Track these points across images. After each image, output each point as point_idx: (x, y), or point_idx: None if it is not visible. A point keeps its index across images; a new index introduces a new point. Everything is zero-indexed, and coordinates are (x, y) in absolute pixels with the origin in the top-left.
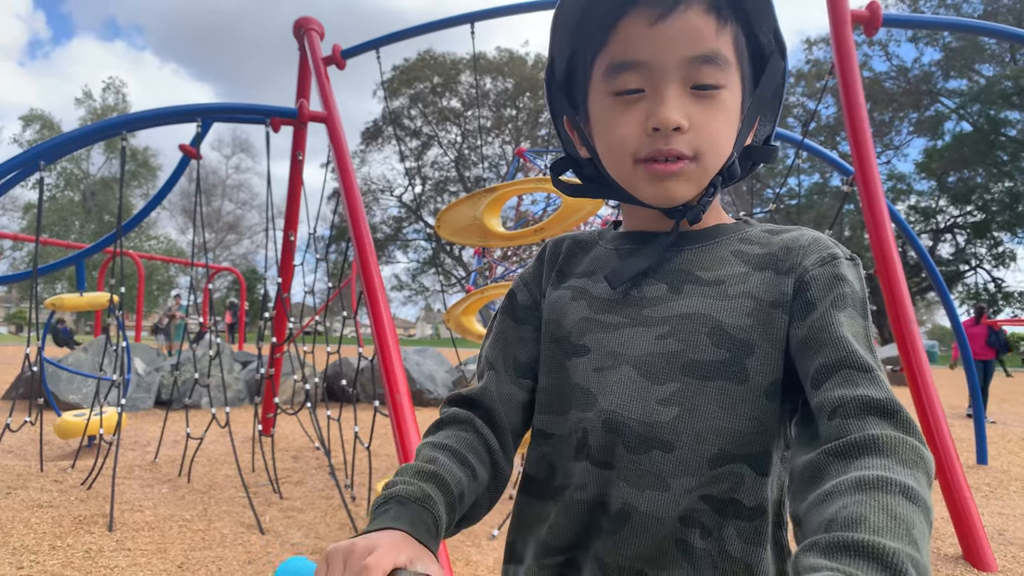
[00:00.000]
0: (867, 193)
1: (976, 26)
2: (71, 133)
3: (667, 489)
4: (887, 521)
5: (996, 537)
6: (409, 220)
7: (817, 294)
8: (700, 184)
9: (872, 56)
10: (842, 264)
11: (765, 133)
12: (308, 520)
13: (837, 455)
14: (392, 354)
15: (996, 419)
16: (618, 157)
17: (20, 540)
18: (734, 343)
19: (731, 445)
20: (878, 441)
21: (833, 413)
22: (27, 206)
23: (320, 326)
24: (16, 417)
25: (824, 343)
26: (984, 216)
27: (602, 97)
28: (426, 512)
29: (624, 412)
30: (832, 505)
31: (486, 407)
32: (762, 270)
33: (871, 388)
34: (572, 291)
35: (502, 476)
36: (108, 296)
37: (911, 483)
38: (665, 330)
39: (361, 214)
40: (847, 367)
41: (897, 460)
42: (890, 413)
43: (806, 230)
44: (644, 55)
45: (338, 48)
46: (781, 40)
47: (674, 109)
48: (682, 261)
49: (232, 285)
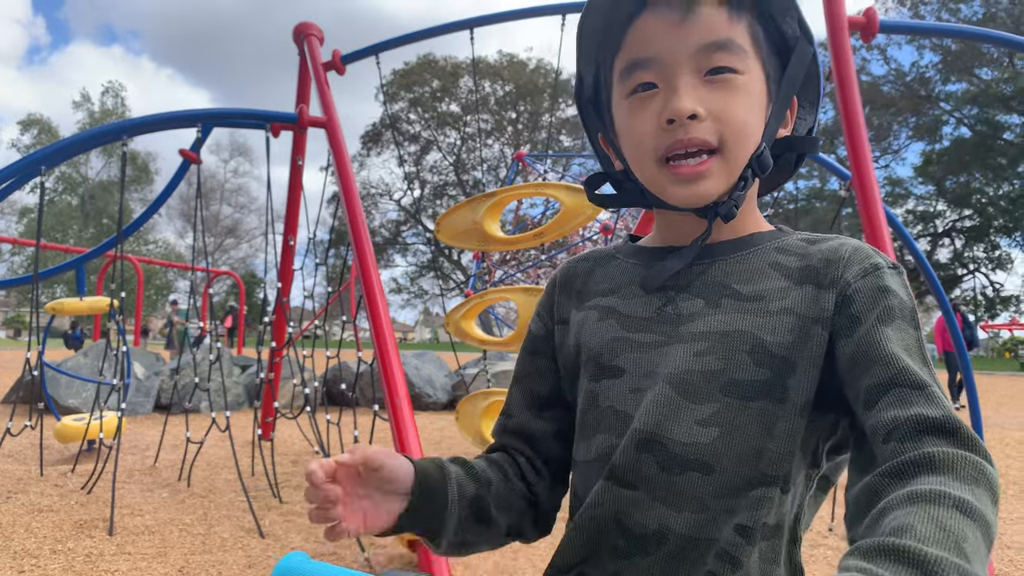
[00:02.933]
0: (864, 199)
1: (973, 33)
2: (72, 138)
3: (706, 511)
4: (935, 531)
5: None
6: (408, 224)
7: (862, 308)
8: (730, 177)
9: (870, 60)
10: (885, 274)
11: (806, 126)
12: (308, 524)
13: (892, 476)
14: (391, 358)
15: (993, 422)
16: (641, 158)
17: (21, 544)
18: (776, 362)
19: (767, 467)
20: (934, 459)
21: (888, 436)
22: (24, 210)
23: (319, 330)
24: (16, 421)
25: (874, 361)
26: (982, 220)
27: (620, 101)
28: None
29: (661, 432)
30: (884, 519)
31: (511, 447)
32: (802, 284)
33: (926, 406)
34: (599, 311)
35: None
36: (108, 300)
37: (968, 498)
38: (704, 346)
39: (361, 219)
40: (899, 385)
41: (955, 476)
42: (948, 431)
43: (846, 239)
44: (655, 50)
45: (338, 53)
46: (807, 27)
47: (686, 97)
48: (717, 273)
49: (231, 289)
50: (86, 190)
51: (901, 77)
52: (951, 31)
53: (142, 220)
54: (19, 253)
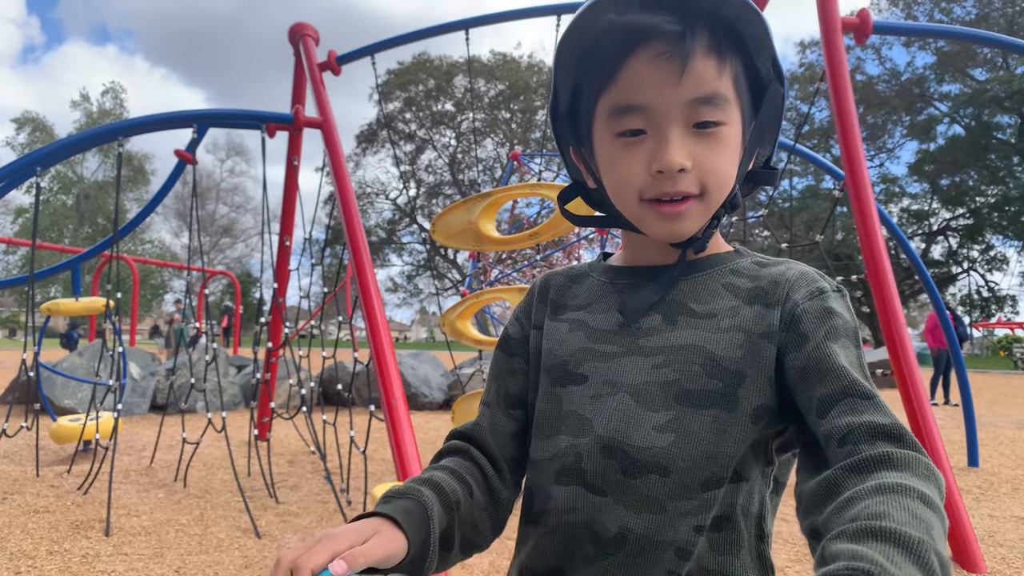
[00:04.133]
0: (857, 199)
1: (966, 34)
2: (67, 139)
3: (664, 512)
4: (909, 518)
5: (986, 539)
6: (404, 223)
7: (810, 327)
8: (706, 218)
9: (865, 60)
10: (830, 297)
11: (765, 156)
12: (304, 524)
13: (853, 470)
14: (388, 358)
15: (987, 421)
16: (625, 196)
17: (17, 545)
18: (727, 374)
19: (721, 469)
20: (892, 457)
21: (843, 440)
22: (19, 210)
23: (315, 330)
24: (12, 422)
25: (825, 373)
26: (976, 219)
27: (606, 137)
28: (411, 500)
29: (621, 438)
30: (854, 507)
31: (478, 440)
32: (751, 304)
33: (876, 414)
34: (570, 323)
35: (501, 501)
36: (104, 301)
37: (927, 492)
38: (661, 360)
39: (356, 219)
40: (850, 395)
41: (912, 473)
42: (897, 437)
43: (793, 264)
44: (646, 99)
45: (333, 54)
46: (779, 68)
47: (677, 152)
48: (676, 292)
49: (227, 289)
50: (81, 190)
51: (896, 76)
52: (944, 32)
53: (138, 220)
54: (14, 253)
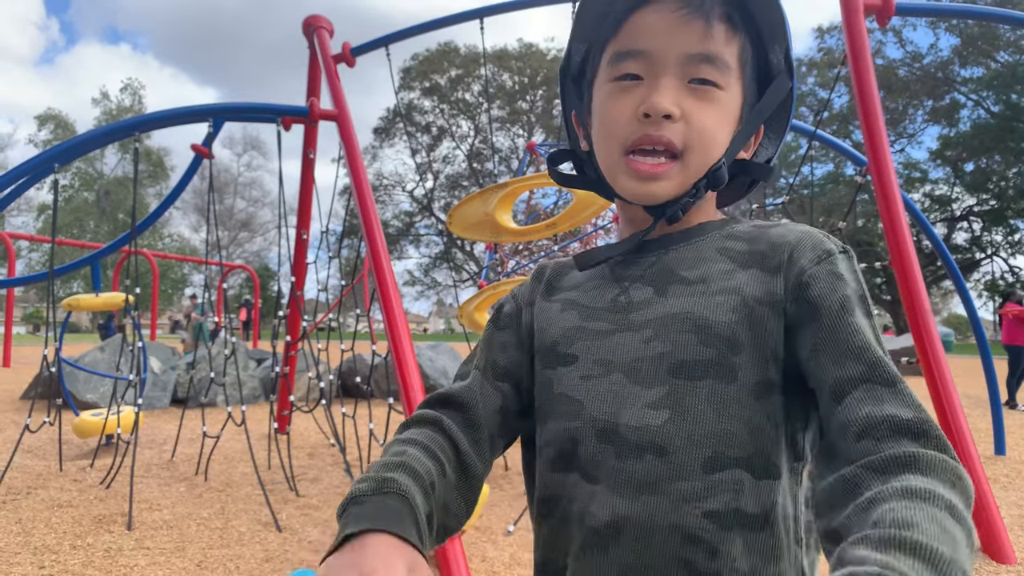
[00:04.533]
0: (881, 184)
1: (992, 14)
2: (84, 135)
3: (662, 494)
4: (938, 532)
5: (1015, 528)
6: (421, 215)
7: (820, 295)
8: (683, 184)
9: (885, 43)
10: (838, 260)
11: (767, 155)
12: (325, 517)
13: (875, 470)
14: (406, 350)
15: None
16: (608, 144)
17: (41, 540)
18: (720, 340)
19: (725, 447)
20: (918, 458)
21: (861, 434)
22: (41, 207)
23: (334, 323)
24: (35, 417)
25: (842, 352)
26: (1000, 204)
27: (603, 84)
28: (394, 498)
29: (616, 419)
30: (878, 508)
31: (464, 403)
32: (747, 267)
33: (899, 406)
34: (562, 303)
35: (474, 477)
36: (124, 296)
37: (955, 502)
38: (650, 333)
39: (373, 212)
40: (870, 381)
41: (938, 479)
42: (922, 433)
43: (792, 224)
44: (647, 44)
45: (348, 46)
46: (791, 62)
47: (666, 97)
48: (668, 262)
49: (246, 282)
50: (101, 186)
51: (918, 59)
52: (969, 12)
53: (156, 215)
54: (36, 249)
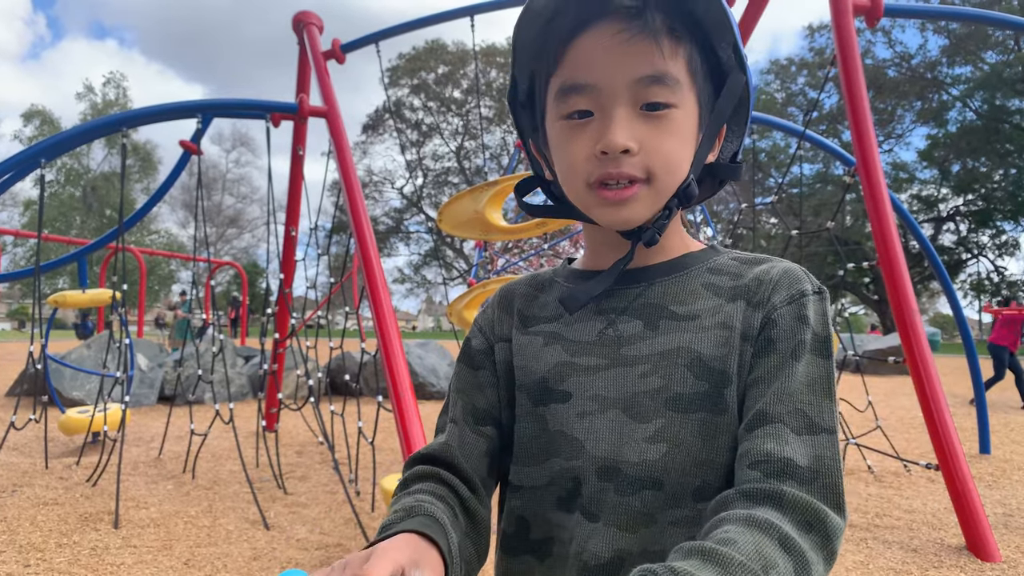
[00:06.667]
0: (869, 185)
1: (980, 16)
2: (71, 131)
3: (655, 523)
4: (753, 553)
5: (999, 527)
6: (410, 212)
7: (779, 334)
8: (655, 206)
9: (875, 43)
10: (808, 303)
11: (732, 150)
12: (313, 515)
13: (743, 497)
14: (395, 348)
15: (997, 406)
16: (572, 182)
17: (27, 538)
18: (713, 374)
19: (713, 478)
20: (783, 496)
21: (755, 464)
22: (27, 202)
23: (322, 320)
24: (20, 414)
25: (774, 392)
26: (987, 205)
27: (554, 121)
28: (429, 518)
29: (617, 456)
30: (718, 528)
31: (447, 460)
32: (734, 301)
33: (801, 454)
34: (544, 337)
35: (480, 522)
36: (111, 293)
37: (795, 537)
38: (647, 368)
39: (362, 209)
40: (784, 424)
41: (790, 517)
42: (808, 481)
43: (777, 261)
44: (593, 78)
45: (337, 43)
46: (741, 55)
47: (621, 132)
48: (654, 295)
49: (234, 279)
50: (88, 181)
51: (906, 60)
52: (958, 14)
53: (143, 212)
54: (22, 245)
